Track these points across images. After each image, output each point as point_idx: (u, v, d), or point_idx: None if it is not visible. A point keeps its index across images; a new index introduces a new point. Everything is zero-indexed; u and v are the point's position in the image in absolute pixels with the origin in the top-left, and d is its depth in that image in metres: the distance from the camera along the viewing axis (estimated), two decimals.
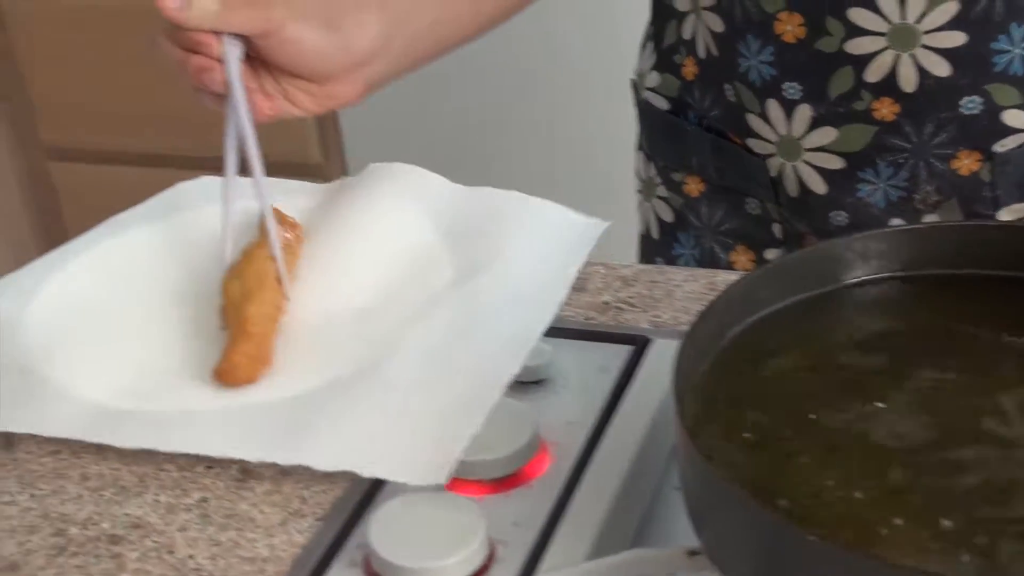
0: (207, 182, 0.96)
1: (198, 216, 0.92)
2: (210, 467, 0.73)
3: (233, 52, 0.79)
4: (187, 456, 0.72)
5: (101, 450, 0.74)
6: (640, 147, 1.10)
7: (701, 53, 0.97)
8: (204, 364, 0.77)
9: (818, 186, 0.93)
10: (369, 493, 0.69)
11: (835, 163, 0.92)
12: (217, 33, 0.78)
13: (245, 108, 0.80)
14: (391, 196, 0.88)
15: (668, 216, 1.06)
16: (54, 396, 0.75)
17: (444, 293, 0.80)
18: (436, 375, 0.73)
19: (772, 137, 0.94)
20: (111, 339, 0.81)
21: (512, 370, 0.72)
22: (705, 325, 0.61)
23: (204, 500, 0.70)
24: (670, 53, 1.01)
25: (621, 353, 0.79)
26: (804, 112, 0.91)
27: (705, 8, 0.94)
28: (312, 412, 0.72)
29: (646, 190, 1.09)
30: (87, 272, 0.86)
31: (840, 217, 0.94)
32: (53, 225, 2.58)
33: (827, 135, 0.91)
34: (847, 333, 0.65)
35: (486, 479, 0.68)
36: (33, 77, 2.44)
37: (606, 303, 0.85)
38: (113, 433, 0.73)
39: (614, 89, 1.32)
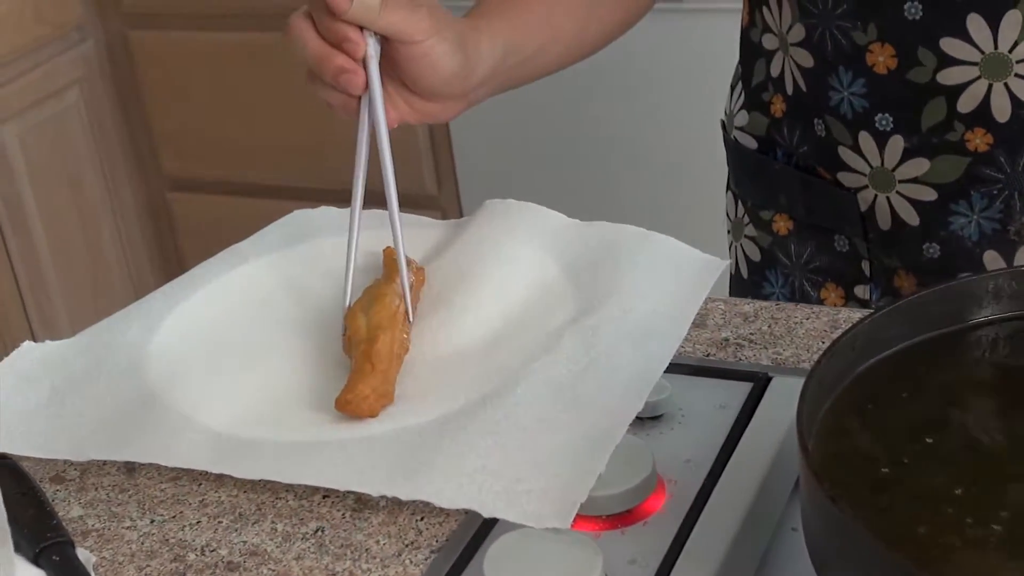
0: (327, 212, 0.97)
1: (317, 246, 0.93)
2: (327, 496, 0.73)
3: (375, 52, 0.80)
4: (304, 485, 0.73)
5: (220, 477, 0.75)
6: (729, 188, 1.09)
7: (789, 90, 0.96)
8: (324, 395, 0.78)
9: (911, 218, 0.91)
10: (485, 526, 0.69)
11: (928, 195, 0.90)
12: (361, 31, 0.79)
13: (383, 108, 0.82)
14: (511, 233, 0.88)
15: (756, 255, 1.06)
16: (177, 426, 0.76)
17: (566, 328, 0.79)
18: (559, 413, 0.73)
19: (864, 169, 0.92)
20: (232, 369, 0.82)
21: (635, 409, 0.72)
22: (830, 364, 0.60)
23: (320, 529, 0.71)
24: (759, 91, 1.01)
25: (741, 390, 0.77)
26: (897, 143, 0.90)
27: (794, 44, 0.93)
28: (433, 447, 0.71)
29: (735, 231, 1.09)
30: (210, 303, 0.87)
31: (933, 250, 0.92)
32: (172, 254, 2.63)
33: (920, 166, 0.90)
34: (977, 372, 0.64)
35: (603, 515, 0.68)
36: (155, 110, 2.49)
37: (726, 339, 0.84)
38: (235, 464, 0.73)
39: (705, 132, 1.32)
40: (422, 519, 0.70)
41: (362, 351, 0.77)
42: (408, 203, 0.87)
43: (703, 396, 0.77)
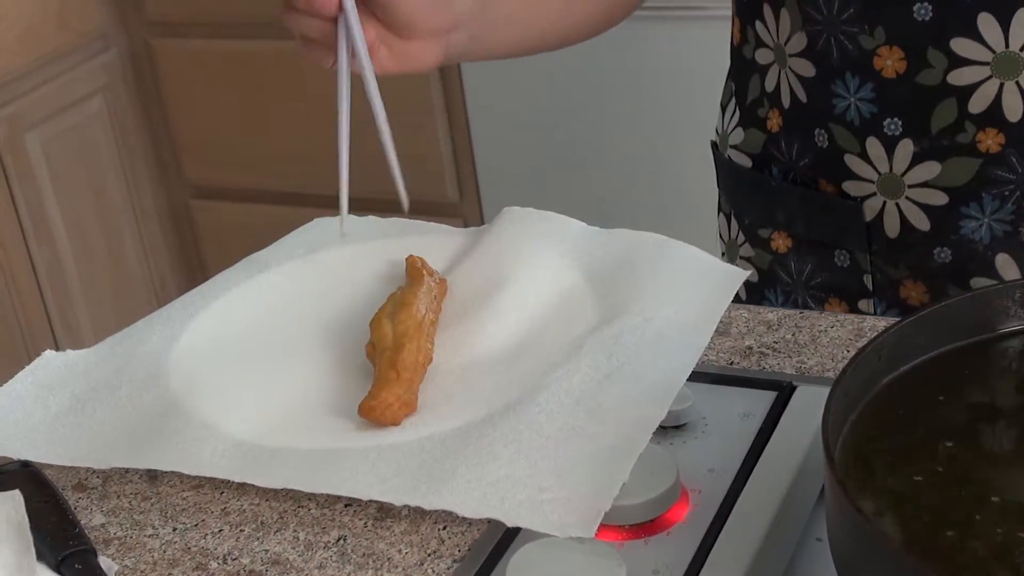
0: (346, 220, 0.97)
1: (337, 253, 0.93)
2: (348, 505, 0.73)
3: None
4: (326, 493, 0.72)
5: (242, 485, 0.74)
6: (721, 210, 1.08)
7: (786, 103, 0.95)
8: (346, 403, 0.77)
9: (921, 223, 0.91)
10: (507, 535, 0.68)
11: (938, 199, 0.89)
12: None
13: (359, 28, 0.79)
14: (532, 241, 0.88)
15: (753, 276, 1.04)
16: (198, 434, 0.76)
17: (587, 336, 0.79)
18: (583, 421, 0.72)
19: (872, 176, 0.91)
20: (254, 377, 0.82)
21: (658, 417, 0.71)
22: (855, 373, 0.60)
23: (342, 538, 0.70)
24: (754, 108, 0.99)
25: (765, 399, 0.77)
26: (906, 148, 0.89)
27: (793, 55, 0.92)
28: (456, 456, 0.71)
29: (729, 252, 1.07)
30: (231, 311, 0.87)
31: (944, 254, 0.91)
32: (193, 261, 2.64)
33: (930, 170, 0.89)
34: (1005, 381, 0.63)
35: (626, 525, 0.67)
36: (178, 118, 2.50)
37: (749, 348, 0.84)
38: (257, 473, 0.73)
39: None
40: (444, 528, 0.70)
41: (387, 359, 0.77)
42: (430, 211, 0.87)
43: (727, 405, 0.77)
